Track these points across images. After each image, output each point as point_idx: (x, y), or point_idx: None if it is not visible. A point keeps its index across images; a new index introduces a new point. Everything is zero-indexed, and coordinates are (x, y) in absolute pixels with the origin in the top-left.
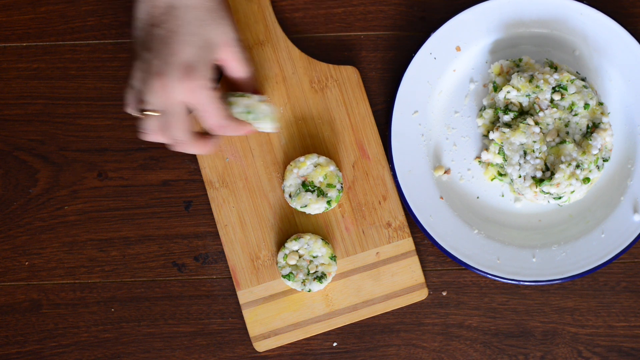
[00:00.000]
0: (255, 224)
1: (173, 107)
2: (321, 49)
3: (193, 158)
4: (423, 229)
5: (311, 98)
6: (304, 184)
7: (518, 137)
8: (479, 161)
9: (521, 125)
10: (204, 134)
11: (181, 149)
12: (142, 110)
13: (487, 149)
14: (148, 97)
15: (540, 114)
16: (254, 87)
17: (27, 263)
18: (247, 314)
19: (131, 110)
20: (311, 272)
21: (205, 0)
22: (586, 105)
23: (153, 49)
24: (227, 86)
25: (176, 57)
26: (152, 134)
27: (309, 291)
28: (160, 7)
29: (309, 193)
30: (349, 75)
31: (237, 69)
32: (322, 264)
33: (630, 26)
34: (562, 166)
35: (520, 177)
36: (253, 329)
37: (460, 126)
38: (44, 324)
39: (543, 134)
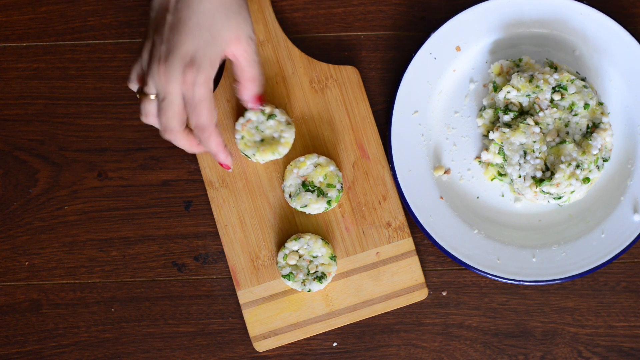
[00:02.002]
0: (255, 224)
1: (170, 95)
2: (321, 49)
3: (193, 158)
4: (423, 229)
5: (311, 98)
6: (304, 184)
7: (518, 137)
8: (479, 161)
9: (521, 125)
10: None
11: (171, 138)
12: (141, 90)
13: (487, 149)
14: (149, 79)
15: (540, 114)
16: (257, 90)
17: (27, 263)
18: (247, 314)
19: (132, 87)
20: (311, 272)
21: None
22: (586, 105)
23: (162, 33)
24: (232, 81)
25: (181, 47)
26: (148, 116)
27: (309, 291)
28: None
29: (309, 193)
30: (349, 75)
31: (244, 68)
32: (322, 264)
33: (630, 26)
34: (562, 166)
35: (520, 177)
36: (253, 329)
37: (460, 126)
38: (44, 324)
39: (543, 134)
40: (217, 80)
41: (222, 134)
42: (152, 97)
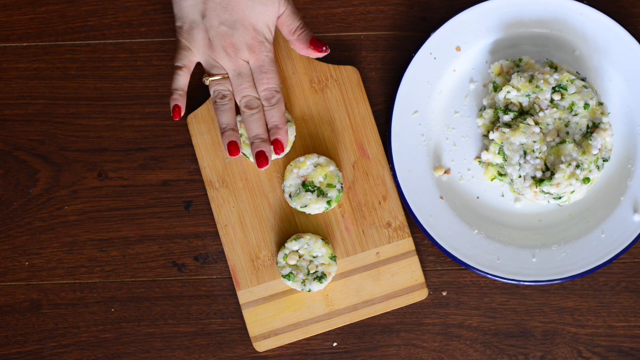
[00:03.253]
0: (255, 224)
1: (243, 68)
2: None
3: (193, 158)
4: (423, 229)
5: (311, 98)
6: (304, 184)
7: (518, 137)
8: (479, 161)
9: (521, 125)
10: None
11: (252, 120)
12: (210, 76)
13: (487, 149)
14: (217, 60)
15: (540, 114)
16: (307, 38)
17: (27, 263)
18: (247, 314)
19: (182, 76)
20: (311, 272)
21: None
22: (586, 105)
23: (214, 16)
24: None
25: (244, 22)
26: (225, 100)
27: (309, 291)
28: None
29: (309, 193)
30: (349, 75)
31: (287, 21)
32: (322, 264)
33: (630, 26)
34: (562, 166)
35: (520, 177)
36: (253, 329)
37: (460, 126)
38: (44, 324)
39: (543, 134)
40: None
41: (282, 97)
42: (219, 77)
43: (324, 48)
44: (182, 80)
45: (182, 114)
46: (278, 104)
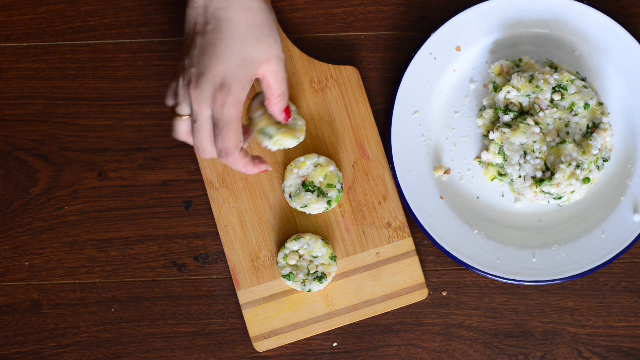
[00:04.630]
0: (255, 224)
1: (201, 117)
2: (321, 49)
3: (193, 158)
4: (423, 229)
5: (311, 98)
6: (304, 184)
7: (518, 137)
8: (479, 161)
9: (521, 125)
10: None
11: (204, 157)
12: (174, 109)
13: (487, 149)
14: (181, 100)
15: (540, 114)
16: (285, 104)
17: (27, 263)
18: (247, 314)
19: (168, 103)
20: (311, 272)
21: (250, 16)
22: (586, 105)
23: (192, 56)
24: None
25: (211, 70)
26: (178, 133)
27: (309, 291)
28: (207, 16)
29: (309, 193)
30: (349, 75)
31: (271, 85)
32: (322, 264)
33: (630, 26)
34: (562, 166)
35: (520, 177)
36: (253, 329)
37: (460, 126)
38: (44, 324)
39: (543, 134)
40: None
41: (248, 154)
42: (185, 117)
43: (291, 118)
44: (180, 129)
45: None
46: (234, 163)
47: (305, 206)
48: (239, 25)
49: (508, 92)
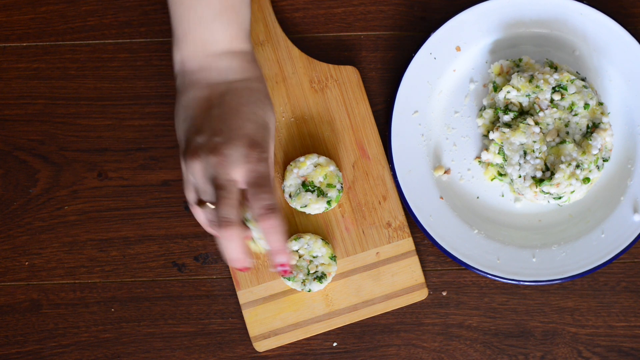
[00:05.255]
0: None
1: (230, 184)
2: (321, 49)
3: None
4: (423, 229)
5: (311, 98)
6: (304, 184)
7: (518, 137)
8: (479, 161)
9: (521, 125)
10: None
11: (227, 234)
12: (200, 202)
13: (487, 149)
14: (203, 186)
15: (540, 114)
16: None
17: (27, 263)
18: (247, 314)
19: (190, 200)
20: (311, 272)
21: (263, 86)
22: (586, 105)
23: (209, 129)
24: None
25: (240, 131)
26: (212, 224)
27: (309, 291)
28: (219, 90)
29: (309, 193)
30: (349, 75)
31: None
32: (322, 264)
33: (630, 26)
34: (562, 166)
35: (520, 177)
36: (253, 329)
37: (460, 126)
38: (44, 324)
39: (543, 134)
40: None
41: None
42: (212, 205)
43: None
44: (201, 216)
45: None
46: (275, 225)
47: (305, 206)
48: (258, 93)
49: (508, 92)
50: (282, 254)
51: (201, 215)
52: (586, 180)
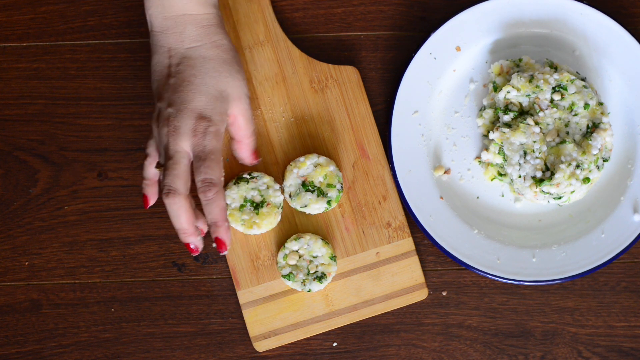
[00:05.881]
0: None
1: (178, 153)
2: (321, 49)
3: None
4: (423, 229)
5: (311, 98)
6: (304, 184)
7: (518, 137)
8: (479, 161)
9: (521, 125)
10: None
11: (171, 202)
12: (158, 164)
13: (487, 149)
14: (160, 146)
15: (540, 114)
16: (254, 144)
17: (27, 263)
18: (247, 314)
19: (149, 167)
20: (311, 272)
21: (221, 52)
22: (586, 105)
23: (165, 98)
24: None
25: (189, 104)
26: (150, 182)
27: (309, 291)
28: (177, 58)
29: (309, 193)
30: (349, 75)
31: (243, 126)
32: (322, 264)
33: (630, 26)
34: (562, 166)
35: (520, 177)
36: (253, 329)
37: (460, 126)
38: (44, 324)
39: (543, 134)
40: None
41: (223, 193)
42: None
43: (260, 159)
44: (148, 170)
45: (152, 202)
46: (215, 198)
47: (305, 206)
48: (212, 61)
49: (508, 92)
50: (219, 227)
51: (147, 172)
52: (586, 180)
